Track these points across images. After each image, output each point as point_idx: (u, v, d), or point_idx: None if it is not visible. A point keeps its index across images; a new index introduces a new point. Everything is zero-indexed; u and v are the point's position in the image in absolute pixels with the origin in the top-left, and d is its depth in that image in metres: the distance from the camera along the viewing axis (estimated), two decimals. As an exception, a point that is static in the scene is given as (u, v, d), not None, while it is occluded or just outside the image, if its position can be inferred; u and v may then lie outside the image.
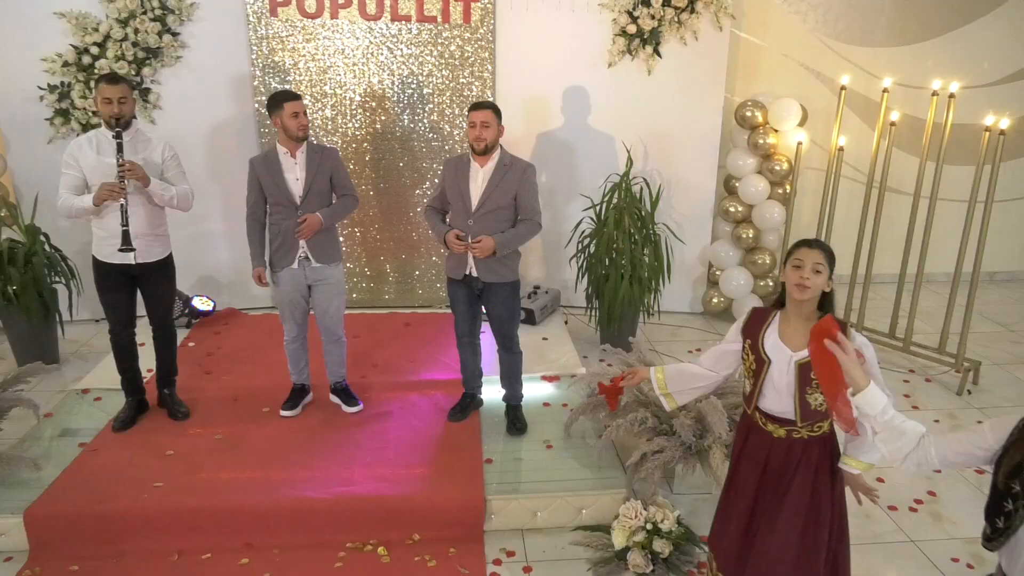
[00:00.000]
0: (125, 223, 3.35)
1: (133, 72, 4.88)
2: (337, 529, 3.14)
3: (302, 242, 3.62)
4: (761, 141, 5.15)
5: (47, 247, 4.60)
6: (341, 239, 5.31)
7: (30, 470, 3.19)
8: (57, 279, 4.61)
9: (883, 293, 6.10)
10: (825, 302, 2.27)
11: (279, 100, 3.54)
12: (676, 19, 5.03)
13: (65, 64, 4.81)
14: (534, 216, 3.56)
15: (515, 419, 3.79)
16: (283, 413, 3.86)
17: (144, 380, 3.90)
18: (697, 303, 5.71)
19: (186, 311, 4.94)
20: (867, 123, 5.90)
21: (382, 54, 5.09)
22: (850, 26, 5.77)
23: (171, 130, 5.03)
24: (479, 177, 3.52)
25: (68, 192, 3.40)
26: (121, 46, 4.80)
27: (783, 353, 2.28)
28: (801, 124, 5.23)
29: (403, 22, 5.04)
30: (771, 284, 5.49)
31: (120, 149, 3.33)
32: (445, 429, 3.75)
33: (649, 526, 3.06)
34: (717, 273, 5.56)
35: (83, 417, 3.83)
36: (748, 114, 5.20)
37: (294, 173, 3.61)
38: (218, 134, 5.16)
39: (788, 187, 5.26)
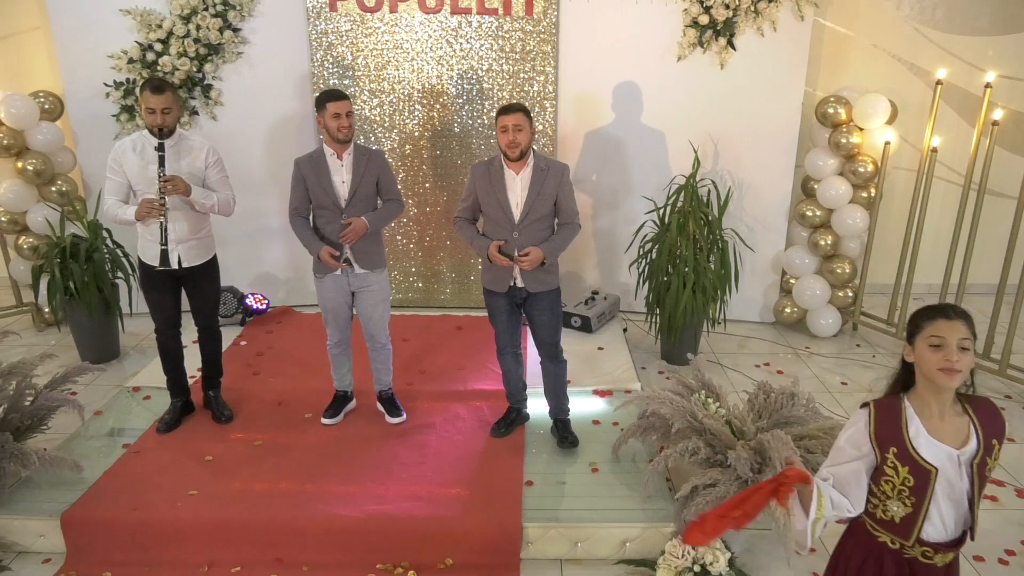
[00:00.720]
0: (164, 242, 3.33)
1: (195, 69, 4.90)
2: (368, 549, 3.03)
3: (346, 247, 3.52)
4: (844, 140, 4.75)
5: (109, 243, 4.67)
6: (399, 236, 5.26)
7: (72, 471, 3.21)
8: (118, 275, 4.67)
9: (978, 306, 5.58)
10: (971, 379, 1.90)
11: (323, 100, 3.43)
12: (753, 8, 4.68)
13: (130, 61, 4.86)
14: (574, 218, 3.40)
15: (565, 434, 3.60)
16: (324, 421, 3.78)
17: (192, 381, 3.89)
18: (768, 312, 5.35)
19: (240, 309, 4.94)
20: (966, 120, 5.38)
21: (441, 48, 4.93)
22: (950, 13, 5.25)
23: (232, 127, 5.06)
24: (517, 185, 3.32)
25: (112, 197, 3.40)
26: (183, 42, 4.81)
27: (949, 454, 1.84)
28: (890, 122, 4.79)
29: (463, 15, 4.87)
30: (851, 295, 5.08)
31: (162, 163, 3.28)
32: (487, 445, 3.59)
33: (697, 568, 2.82)
34: (791, 281, 5.19)
35: (131, 416, 3.85)
36: (830, 111, 4.79)
37: (340, 175, 3.50)
38: (278, 130, 5.13)
39: (873, 190, 4.83)
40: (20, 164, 4.84)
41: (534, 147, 3.37)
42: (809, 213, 4.98)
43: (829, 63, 5.27)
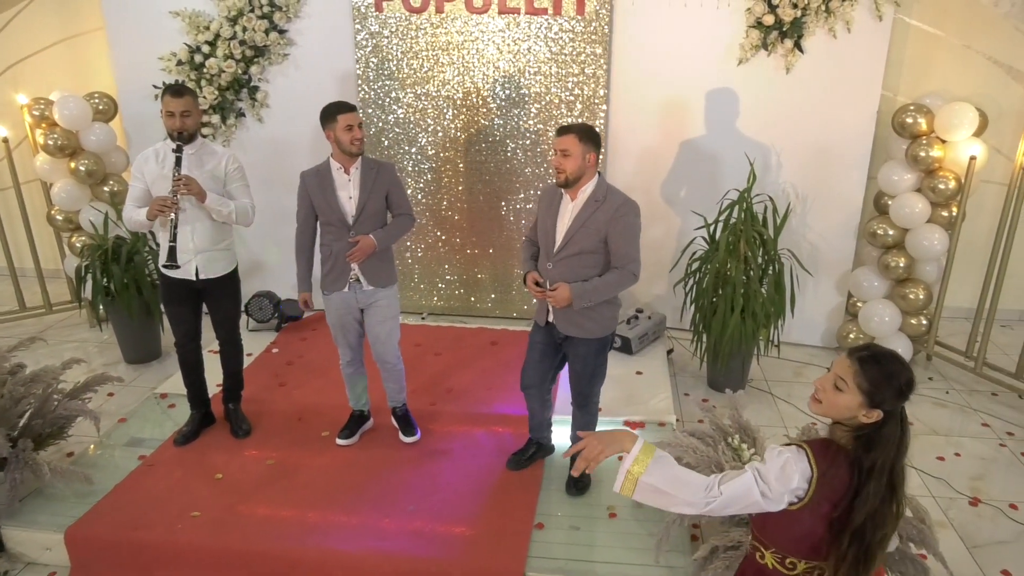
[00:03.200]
0: (172, 239, 3.25)
1: (241, 71, 4.87)
2: (363, 587, 2.89)
3: (354, 264, 3.38)
4: (923, 154, 4.27)
5: (153, 244, 4.70)
6: (441, 244, 5.11)
7: (83, 484, 3.21)
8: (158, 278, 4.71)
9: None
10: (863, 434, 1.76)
11: (332, 112, 3.29)
12: (824, 7, 4.26)
13: (179, 63, 4.87)
14: (628, 264, 2.97)
15: (577, 477, 3.35)
16: (339, 441, 3.67)
17: (214, 392, 3.86)
18: (831, 337, 4.93)
19: (276, 314, 4.91)
20: (1073, 129, 4.77)
21: (489, 50, 4.73)
22: (1058, 9, 4.65)
23: (278, 129, 5.03)
24: (567, 213, 3.03)
25: (132, 204, 3.37)
26: (229, 44, 4.79)
27: None
28: (978, 133, 4.29)
29: (511, 15, 4.65)
30: (924, 323, 4.61)
31: (178, 163, 3.22)
32: (502, 478, 3.39)
33: (709, 640, 2.55)
34: (858, 305, 4.75)
35: (153, 425, 3.85)
36: (909, 120, 4.33)
37: (347, 191, 3.35)
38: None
39: (955, 210, 4.34)
40: (73, 164, 4.93)
41: (600, 175, 3.02)
42: (880, 232, 4.53)
43: (914, 66, 4.77)
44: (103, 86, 5.17)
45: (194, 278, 3.41)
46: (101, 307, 4.59)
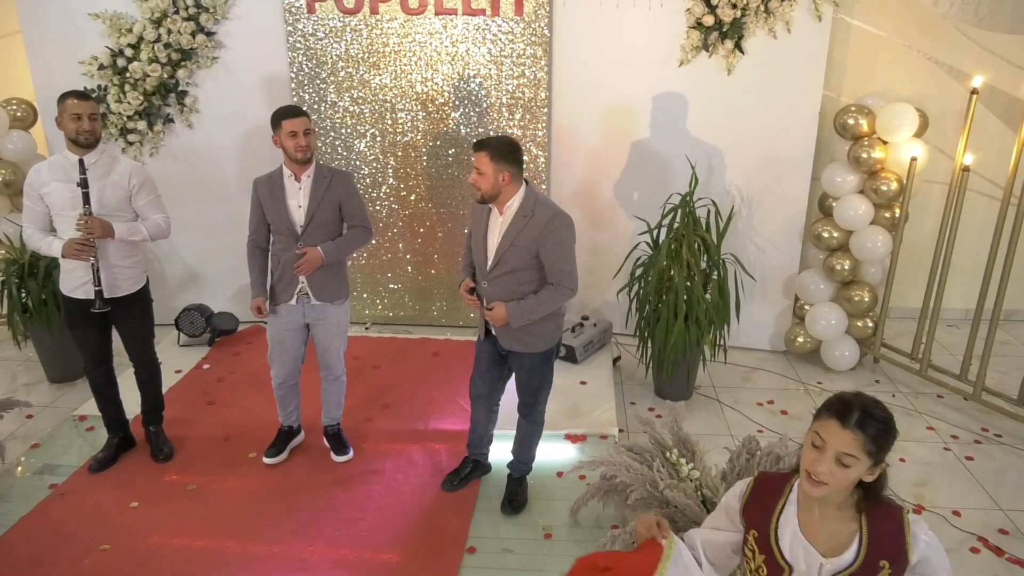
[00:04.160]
0: (98, 282, 3.11)
1: (167, 75, 4.66)
2: (282, 622, 2.74)
3: (301, 278, 3.22)
4: (865, 155, 4.23)
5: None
6: (386, 253, 4.95)
7: (-17, 518, 3.01)
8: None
9: (1018, 334, 5.06)
10: (873, 489, 1.59)
11: (277, 117, 3.16)
12: (763, 7, 4.19)
13: (101, 67, 4.65)
14: (562, 280, 2.84)
15: (512, 494, 3.22)
16: (266, 460, 3.51)
17: (133, 415, 3.66)
18: (779, 340, 4.87)
19: (208, 328, 4.71)
20: (1012, 127, 4.77)
21: (426, 52, 4.58)
22: (996, 8, 4.63)
23: (209, 135, 4.83)
24: (496, 228, 2.90)
25: (31, 227, 3.15)
26: (154, 47, 4.57)
27: (810, 556, 1.58)
28: (919, 134, 4.25)
29: (448, 16, 4.51)
30: (870, 326, 4.57)
31: (87, 199, 3.03)
32: (435, 500, 3.25)
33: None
34: (805, 308, 4.70)
35: (67, 451, 3.64)
36: (850, 121, 4.28)
37: (297, 199, 3.20)
38: (257, 137, 4.84)
39: (898, 211, 4.31)
40: (-10, 174, 4.68)
41: (528, 186, 2.87)
42: (825, 234, 4.48)
43: (856, 66, 4.73)
44: (24, 92, 4.91)
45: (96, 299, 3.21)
46: (8, 325, 4.34)
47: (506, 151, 2.77)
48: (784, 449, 2.98)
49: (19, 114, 4.75)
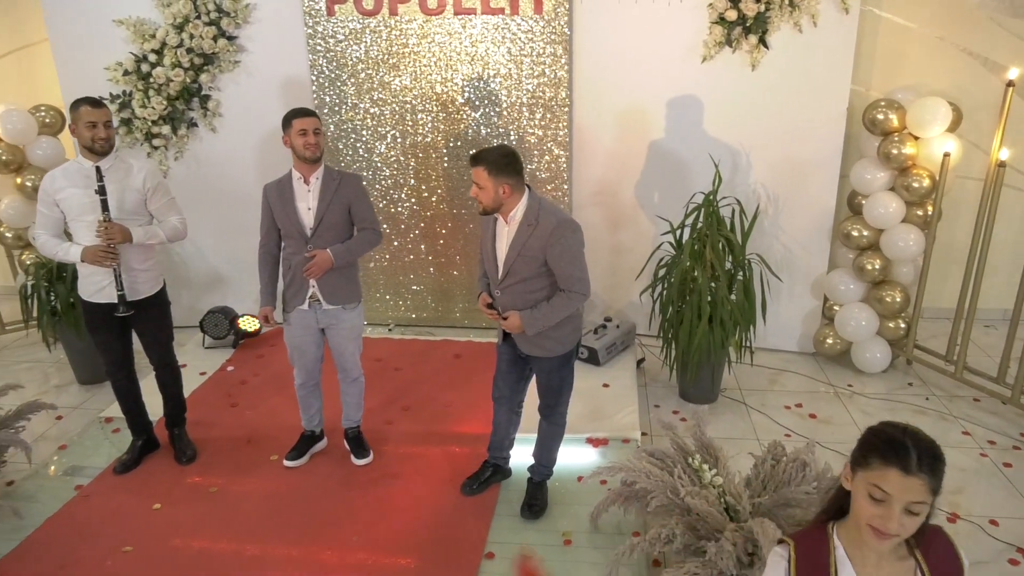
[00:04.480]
0: (120, 287, 3.15)
1: (190, 79, 4.70)
2: (301, 626, 2.73)
3: (311, 282, 3.22)
4: (896, 151, 4.11)
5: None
6: (408, 255, 4.94)
7: (10, 518, 3.04)
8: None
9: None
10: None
11: (288, 117, 3.17)
12: (788, 1, 4.10)
13: (125, 73, 4.70)
14: (573, 286, 2.80)
15: (532, 498, 3.18)
16: (286, 463, 3.51)
17: (157, 417, 3.69)
18: (808, 342, 4.76)
19: (232, 330, 4.74)
20: (1053, 122, 4.61)
21: (445, 53, 4.56)
22: (1034, -2, 4.49)
23: (232, 138, 4.86)
24: (503, 238, 2.87)
25: (45, 234, 3.19)
26: (176, 52, 4.61)
27: None
28: (951, 129, 4.13)
29: (467, 16, 4.48)
30: (903, 327, 4.45)
31: (105, 207, 3.06)
32: (454, 503, 3.23)
33: None
34: (834, 309, 4.59)
35: (93, 453, 3.68)
36: (880, 116, 4.16)
37: (306, 202, 3.21)
38: (278, 139, 4.68)
39: (930, 208, 4.18)
40: (20, 179, 4.76)
41: (531, 193, 2.84)
42: (855, 233, 4.36)
43: (886, 60, 4.61)
44: (52, 99, 4.99)
45: (115, 301, 3.23)
46: (38, 328, 4.41)
47: (503, 163, 2.72)
48: (811, 455, 2.90)
49: (47, 120, 4.82)
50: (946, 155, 3.98)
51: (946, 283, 4.80)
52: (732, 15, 4.15)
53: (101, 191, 3.05)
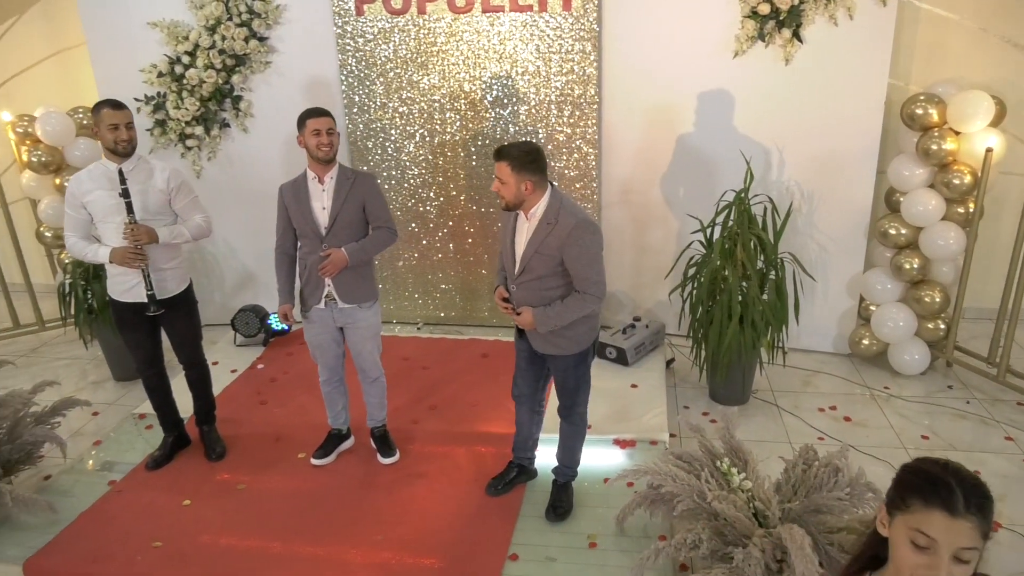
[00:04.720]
0: (150, 287, 3.21)
1: (222, 80, 4.75)
2: (325, 624, 2.74)
3: (327, 281, 3.24)
4: (935, 147, 3.99)
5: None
6: (436, 253, 4.94)
7: (46, 512, 3.11)
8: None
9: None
10: None
11: (303, 118, 3.18)
12: (823, -7, 4.00)
13: (160, 74, 4.78)
14: (588, 288, 2.77)
15: (557, 500, 3.15)
16: (313, 461, 3.53)
17: (188, 414, 3.74)
18: (843, 343, 4.65)
19: (262, 329, 4.79)
20: (1104, 115, 4.44)
21: (474, 51, 4.55)
22: (1083, -13, 4.33)
23: (264, 138, 4.91)
24: (523, 233, 2.85)
25: (74, 235, 3.24)
26: (209, 54, 4.67)
27: None
28: (995, 123, 3.99)
29: (495, 13, 4.46)
30: (942, 327, 4.32)
31: (130, 209, 3.11)
32: (479, 504, 3.21)
33: None
34: (870, 309, 4.48)
35: (127, 448, 3.74)
36: (919, 111, 4.04)
37: (321, 201, 3.22)
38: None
39: (971, 205, 4.05)
40: (58, 180, 4.87)
41: (553, 191, 2.80)
42: (892, 231, 4.25)
43: (926, 52, 4.47)
44: (89, 101, 5.08)
45: (146, 300, 3.28)
46: (75, 326, 4.51)
47: (527, 160, 2.70)
48: (844, 460, 2.83)
49: (85, 122, 4.92)
50: (989, 151, 3.85)
51: (988, 282, 4.65)
52: (765, 9, 4.07)
53: (125, 194, 3.10)
